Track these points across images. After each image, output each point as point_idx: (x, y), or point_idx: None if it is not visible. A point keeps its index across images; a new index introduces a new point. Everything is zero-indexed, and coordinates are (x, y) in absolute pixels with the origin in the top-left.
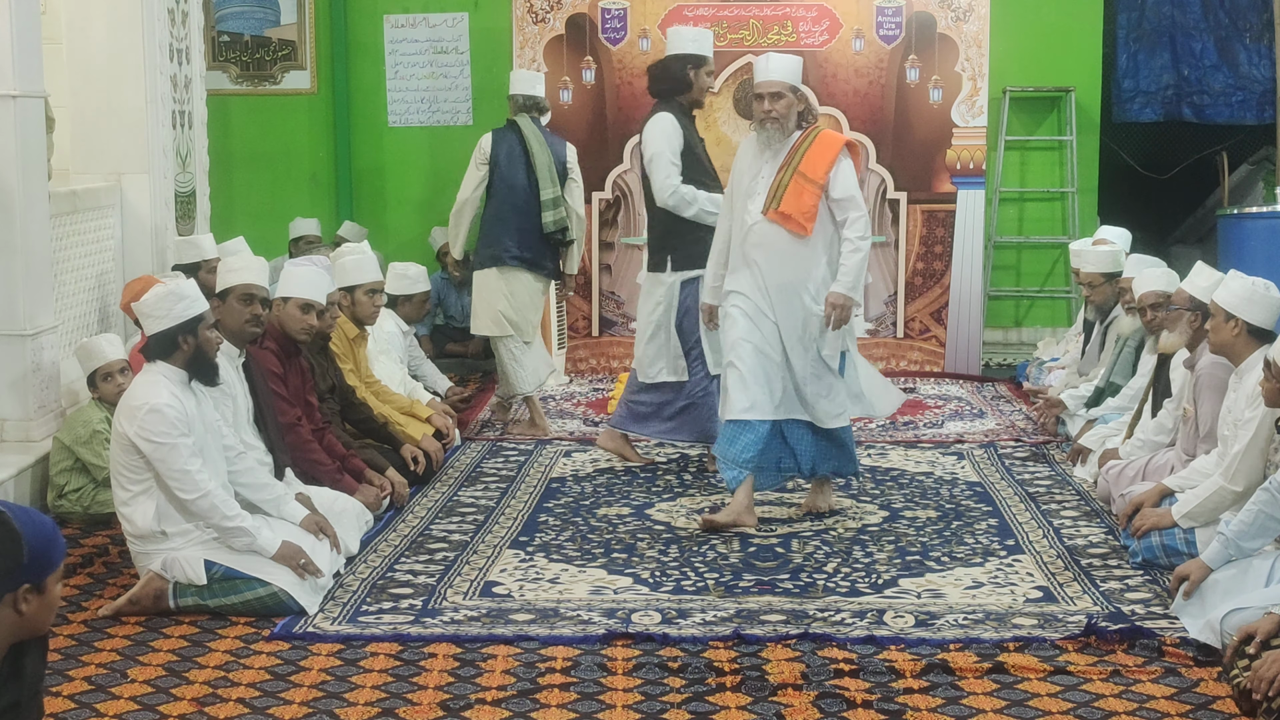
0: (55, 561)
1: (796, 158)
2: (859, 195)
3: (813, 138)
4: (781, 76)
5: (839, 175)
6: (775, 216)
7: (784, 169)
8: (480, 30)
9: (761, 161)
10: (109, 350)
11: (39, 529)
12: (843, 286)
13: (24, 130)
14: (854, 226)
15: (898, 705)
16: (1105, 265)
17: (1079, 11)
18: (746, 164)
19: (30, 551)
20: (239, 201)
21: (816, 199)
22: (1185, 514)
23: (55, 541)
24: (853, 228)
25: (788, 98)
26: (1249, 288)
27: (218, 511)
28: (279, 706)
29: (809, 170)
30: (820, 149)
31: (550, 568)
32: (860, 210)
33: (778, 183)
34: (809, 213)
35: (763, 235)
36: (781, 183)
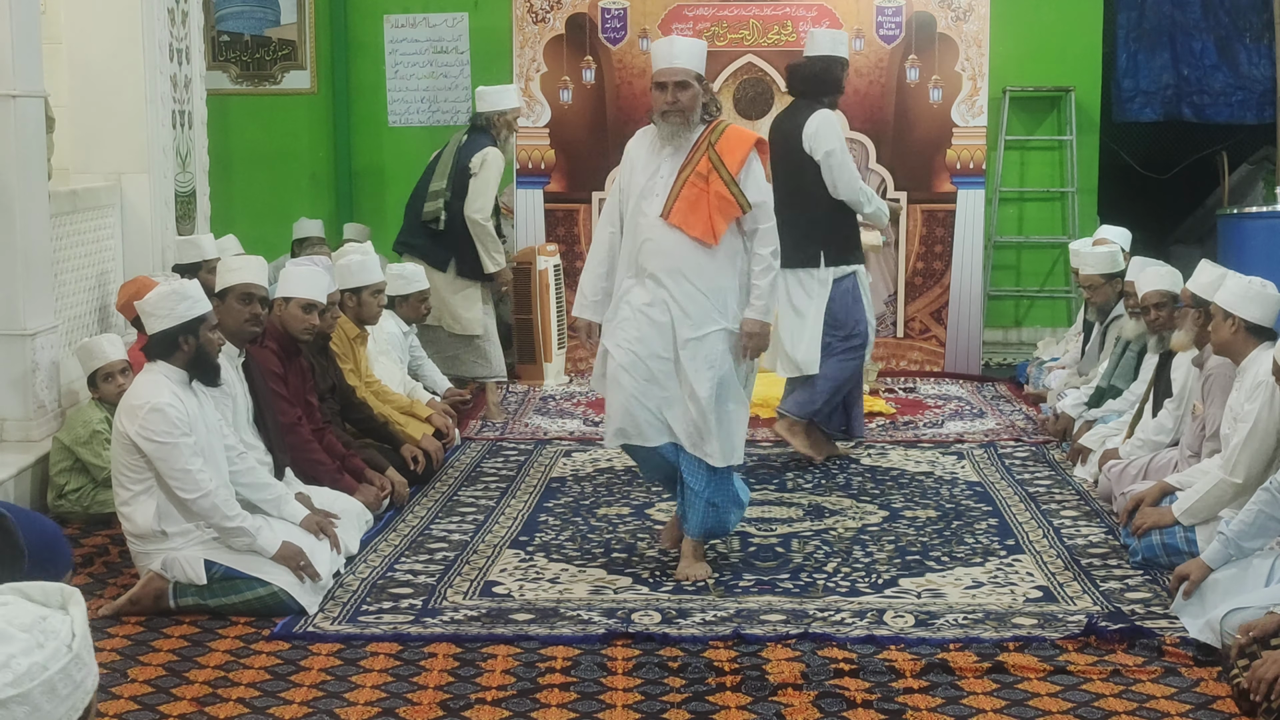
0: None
1: (699, 155)
2: (770, 202)
3: (719, 133)
4: (687, 63)
5: (749, 177)
6: (676, 220)
7: (686, 167)
8: (480, 30)
9: (660, 158)
10: (110, 350)
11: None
12: (757, 312)
13: (24, 130)
14: (766, 240)
15: (898, 705)
16: (1104, 266)
17: (1079, 11)
18: (642, 160)
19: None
20: (239, 201)
21: (726, 202)
22: (1186, 510)
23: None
24: (764, 242)
25: (694, 88)
26: (1246, 286)
27: (218, 511)
28: (279, 706)
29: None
30: (728, 145)
31: (550, 567)
32: (771, 219)
33: (680, 183)
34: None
35: (660, 242)
36: (682, 183)
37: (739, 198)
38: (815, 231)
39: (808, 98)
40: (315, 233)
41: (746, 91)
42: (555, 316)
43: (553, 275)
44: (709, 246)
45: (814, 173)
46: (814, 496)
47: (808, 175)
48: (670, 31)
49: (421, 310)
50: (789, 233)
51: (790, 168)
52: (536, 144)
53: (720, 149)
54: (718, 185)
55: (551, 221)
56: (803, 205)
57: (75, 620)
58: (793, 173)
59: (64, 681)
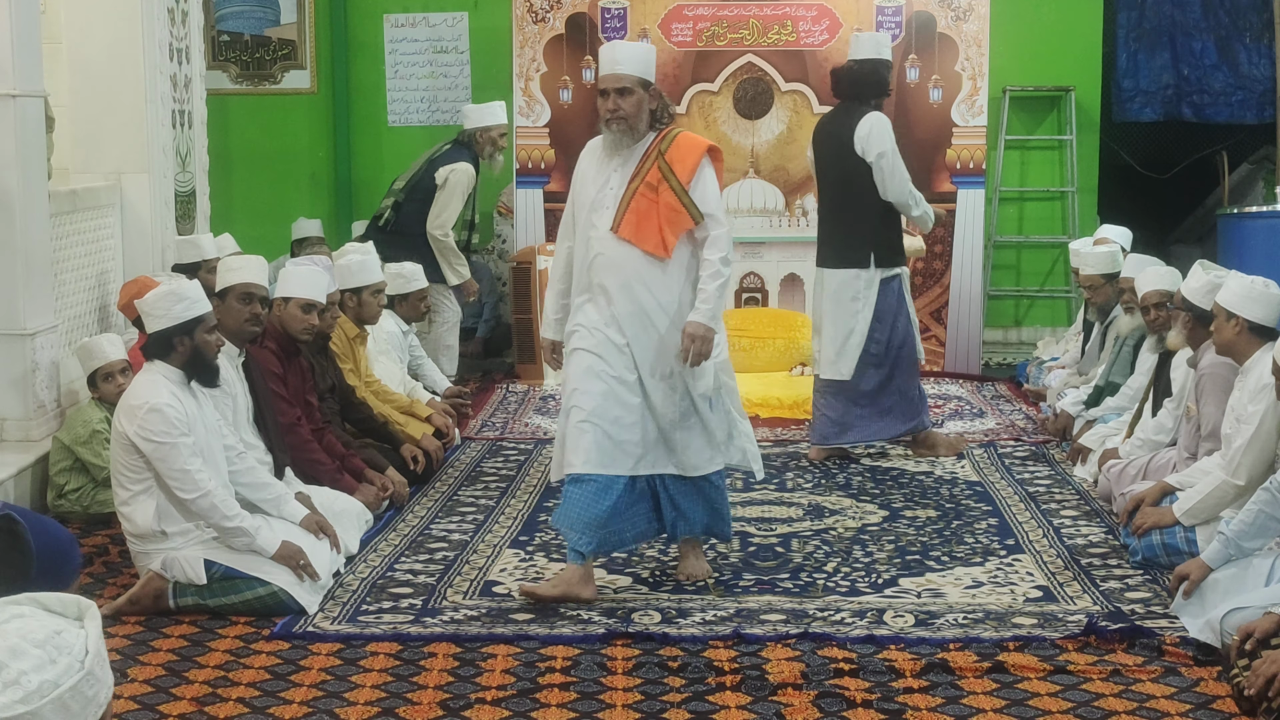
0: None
1: (649, 165)
2: (722, 210)
3: (669, 141)
4: (630, 69)
5: (700, 185)
6: (627, 233)
7: (636, 178)
8: (480, 30)
9: (609, 169)
10: (110, 350)
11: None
12: (702, 315)
13: (24, 130)
14: (715, 246)
15: (898, 705)
16: (1104, 266)
17: (1079, 11)
18: (592, 172)
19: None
20: (239, 201)
21: (677, 214)
22: (1187, 510)
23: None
24: (714, 247)
25: (637, 94)
26: (1248, 286)
27: (217, 511)
28: (279, 706)
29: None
30: (679, 154)
31: (550, 567)
32: (722, 227)
33: (629, 194)
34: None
35: (612, 255)
36: (632, 194)
37: (690, 209)
38: (864, 233)
39: (855, 100)
40: (314, 233)
41: (746, 91)
42: None
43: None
44: (661, 260)
45: (864, 175)
46: (814, 496)
47: (857, 177)
48: (670, 32)
49: (421, 309)
50: (837, 234)
51: (840, 170)
52: (536, 144)
53: (670, 158)
54: (668, 196)
55: (551, 221)
56: (852, 207)
57: (90, 635)
58: (842, 175)
59: (75, 698)
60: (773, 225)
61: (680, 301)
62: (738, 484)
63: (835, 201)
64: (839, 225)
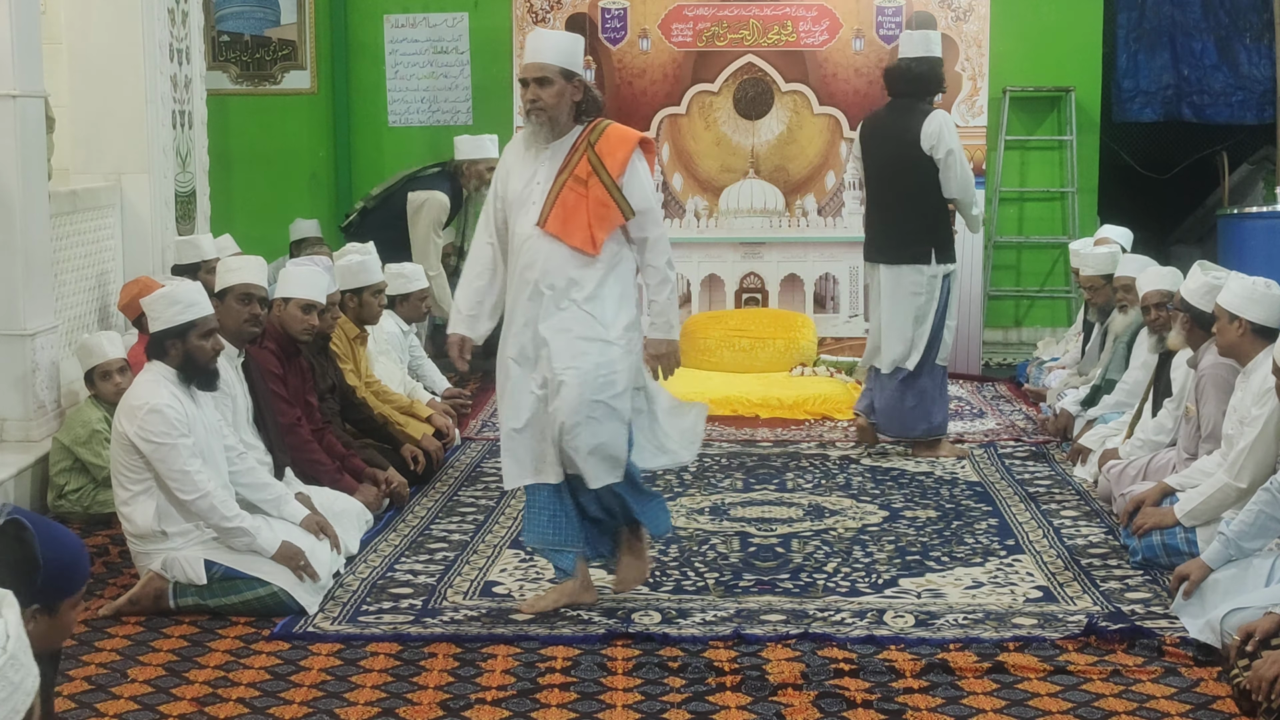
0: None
1: (577, 157)
2: (657, 205)
3: (599, 133)
4: (550, 58)
5: (632, 180)
6: (553, 229)
7: (563, 171)
8: (480, 30)
9: (536, 163)
10: (109, 349)
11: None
12: (661, 330)
13: (24, 130)
14: (658, 250)
15: (898, 705)
16: (1105, 267)
17: (1079, 11)
18: (518, 167)
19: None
20: (239, 201)
21: (607, 209)
22: (1188, 512)
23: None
24: (656, 251)
25: (557, 84)
26: (1249, 288)
27: (217, 512)
28: (279, 706)
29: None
30: (609, 146)
31: (550, 568)
32: (660, 226)
33: (556, 188)
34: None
35: (537, 253)
36: (559, 188)
37: (620, 203)
38: (925, 229)
39: (911, 98)
40: (312, 233)
41: (746, 91)
42: None
43: None
44: (590, 256)
45: (925, 172)
46: (814, 496)
47: (919, 173)
48: (670, 32)
49: (422, 309)
50: (895, 229)
51: (899, 167)
52: None
53: (600, 150)
54: (597, 190)
55: None
56: (912, 203)
57: (9, 622)
58: (901, 170)
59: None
60: (773, 225)
61: (607, 300)
62: (738, 484)
63: (892, 197)
64: (898, 221)
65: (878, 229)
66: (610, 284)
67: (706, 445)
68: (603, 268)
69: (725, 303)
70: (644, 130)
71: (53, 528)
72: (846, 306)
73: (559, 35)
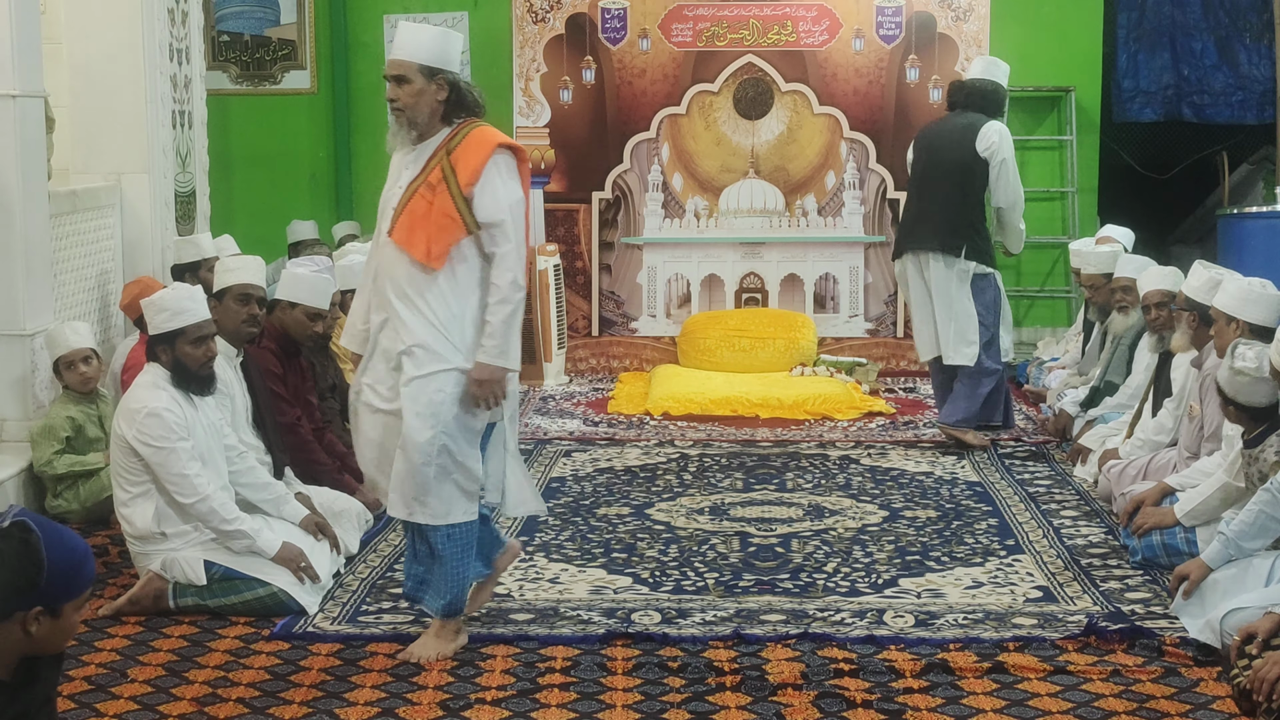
0: (76, 591)
1: (434, 163)
2: (511, 221)
3: (460, 137)
4: (408, 55)
5: (484, 190)
6: (399, 239)
7: (419, 177)
8: (480, 30)
9: (402, 166)
10: (72, 338)
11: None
12: (489, 355)
13: (24, 130)
14: (503, 266)
15: (898, 705)
16: (1106, 266)
17: (1079, 11)
18: (394, 170)
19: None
20: (239, 201)
21: (450, 221)
22: (1188, 512)
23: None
24: (501, 268)
25: (415, 83)
26: (1245, 288)
27: (216, 515)
28: (279, 706)
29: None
30: (465, 152)
31: (550, 568)
32: (510, 241)
33: (408, 195)
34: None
35: (387, 264)
36: (410, 196)
37: (464, 216)
38: (959, 225)
39: (972, 110)
40: (310, 234)
41: (746, 91)
42: (555, 317)
43: (553, 275)
44: (433, 271)
45: (974, 175)
46: (814, 496)
47: (966, 174)
48: (670, 32)
49: None
50: (928, 220)
51: (949, 166)
52: (536, 144)
53: (455, 157)
54: (443, 200)
55: (551, 221)
56: (951, 201)
57: None
58: (950, 170)
59: None
60: (773, 225)
61: (460, 320)
62: (738, 484)
63: (934, 193)
64: (932, 214)
65: (912, 220)
66: (462, 302)
67: (706, 445)
68: (444, 283)
69: (725, 303)
70: (644, 130)
71: (59, 530)
72: (846, 306)
73: (422, 30)
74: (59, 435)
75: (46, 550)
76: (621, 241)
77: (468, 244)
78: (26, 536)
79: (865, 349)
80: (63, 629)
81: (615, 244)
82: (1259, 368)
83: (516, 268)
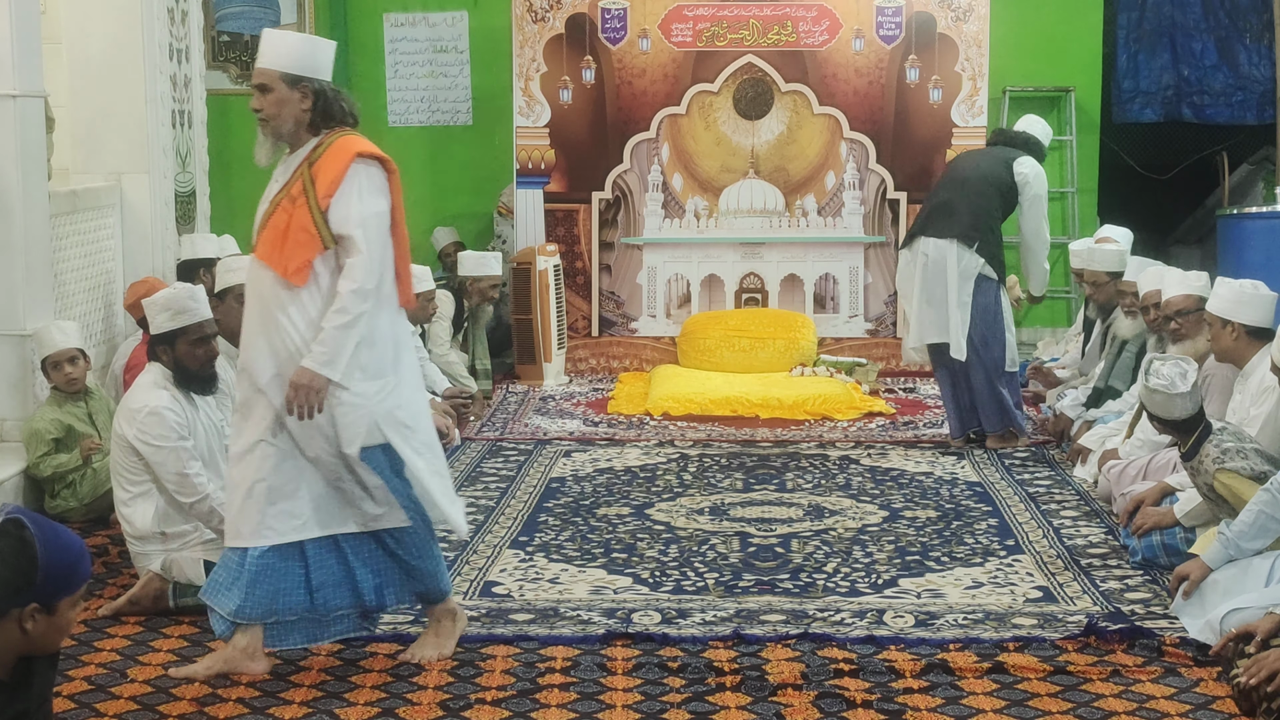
0: (71, 588)
1: (297, 175)
2: (363, 235)
3: (323, 148)
4: (270, 63)
5: (340, 202)
6: (261, 254)
7: (283, 189)
8: (480, 29)
9: (274, 179)
10: (59, 338)
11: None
12: (314, 361)
13: (24, 130)
14: (349, 276)
15: (898, 705)
16: (1111, 265)
17: (1079, 11)
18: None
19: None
20: (239, 201)
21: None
22: (1188, 512)
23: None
24: (347, 277)
25: (277, 91)
26: (1238, 291)
27: (217, 515)
28: (279, 706)
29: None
30: (325, 163)
31: (550, 568)
32: (362, 252)
33: (271, 208)
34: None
35: (252, 280)
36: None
37: (321, 230)
38: (980, 223)
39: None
40: None
41: (746, 92)
42: (555, 317)
43: (552, 275)
44: (297, 288)
45: (1004, 190)
46: (814, 496)
47: (998, 186)
48: (670, 32)
49: (429, 310)
50: (959, 211)
51: (983, 174)
52: (536, 144)
53: (317, 168)
54: (301, 213)
55: (551, 221)
56: (980, 202)
57: None
58: (983, 177)
59: None
60: (773, 225)
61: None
62: (738, 484)
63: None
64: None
65: (932, 209)
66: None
67: (706, 445)
68: (307, 299)
69: (725, 303)
70: (644, 130)
71: (54, 527)
72: (846, 307)
73: (285, 37)
74: (44, 439)
75: (41, 547)
76: (621, 242)
77: (331, 256)
78: (21, 533)
79: (865, 349)
80: (58, 626)
81: (615, 244)
82: (1170, 384)
83: (363, 279)
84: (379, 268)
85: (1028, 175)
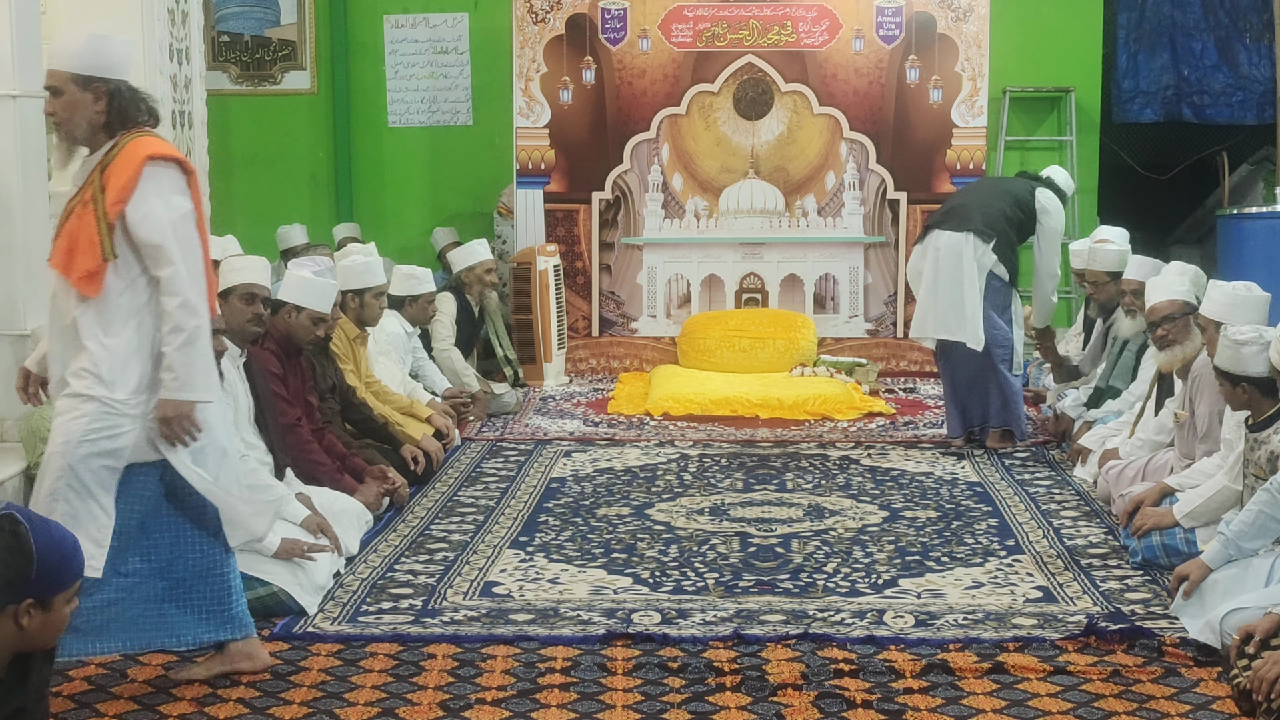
0: (66, 582)
1: (90, 181)
2: (175, 240)
3: (115, 151)
4: (60, 64)
5: (138, 207)
6: (55, 264)
7: (76, 195)
8: (480, 30)
9: (74, 180)
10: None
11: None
12: (171, 389)
13: (24, 130)
14: (169, 290)
15: (898, 705)
16: (1112, 264)
17: (1079, 11)
18: None
19: (40, 568)
20: (239, 202)
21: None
22: (1187, 514)
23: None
24: (168, 293)
25: (68, 93)
26: (1231, 293)
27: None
28: (279, 706)
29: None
30: (117, 167)
31: (550, 568)
32: (174, 264)
33: (64, 215)
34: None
35: (53, 293)
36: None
37: (102, 240)
38: (998, 225)
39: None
40: (300, 239)
41: (746, 92)
42: (555, 317)
43: (553, 275)
44: (88, 298)
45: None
46: (814, 497)
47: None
48: (670, 32)
49: (430, 312)
50: (979, 211)
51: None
52: (536, 144)
53: (109, 173)
54: (89, 220)
55: (551, 221)
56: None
57: None
58: (1006, 191)
59: None
60: (773, 225)
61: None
62: (738, 484)
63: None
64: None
65: (951, 207)
66: (119, 332)
67: (706, 445)
68: (97, 310)
69: (725, 303)
70: (644, 131)
71: (47, 523)
72: (846, 307)
73: (75, 36)
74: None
75: (36, 542)
76: (621, 242)
77: (125, 266)
78: (15, 529)
79: (865, 349)
80: (53, 622)
81: (615, 244)
82: (1259, 335)
83: (187, 290)
84: (199, 272)
85: (1047, 206)
